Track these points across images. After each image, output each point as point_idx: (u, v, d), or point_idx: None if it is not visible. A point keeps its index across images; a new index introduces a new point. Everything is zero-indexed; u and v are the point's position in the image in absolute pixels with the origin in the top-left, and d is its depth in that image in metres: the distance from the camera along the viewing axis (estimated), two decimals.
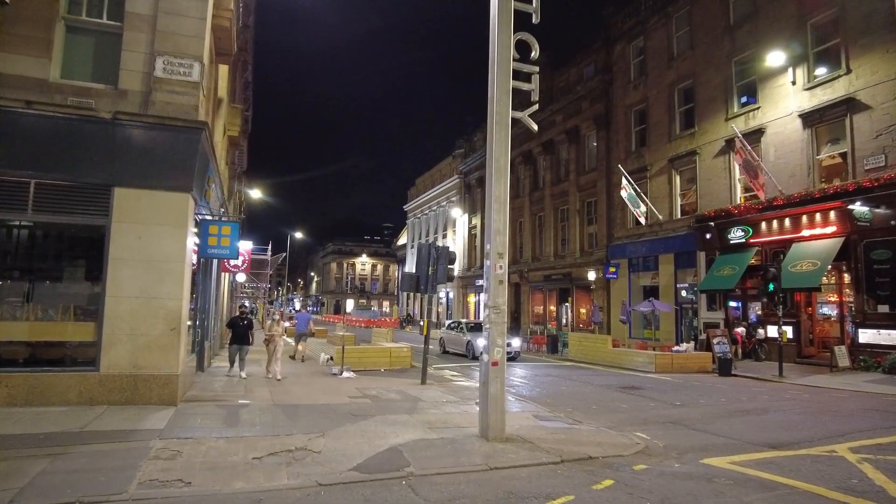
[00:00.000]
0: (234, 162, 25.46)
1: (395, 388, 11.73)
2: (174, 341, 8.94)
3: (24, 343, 8.67)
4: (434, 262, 12.75)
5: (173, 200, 9.12)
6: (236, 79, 22.17)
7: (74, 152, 8.69)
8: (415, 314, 57.53)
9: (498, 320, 7.45)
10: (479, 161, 43.33)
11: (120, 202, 8.89)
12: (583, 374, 16.68)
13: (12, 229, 9.08)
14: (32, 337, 8.76)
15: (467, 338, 20.31)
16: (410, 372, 16.00)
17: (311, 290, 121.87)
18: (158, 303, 8.91)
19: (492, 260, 7.57)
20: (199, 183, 9.80)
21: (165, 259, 9.00)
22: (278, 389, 11.10)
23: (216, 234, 10.11)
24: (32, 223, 8.81)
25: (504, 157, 7.75)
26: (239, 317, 13.35)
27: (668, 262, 25.40)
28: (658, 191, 26.14)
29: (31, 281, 9.04)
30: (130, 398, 8.66)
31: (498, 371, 7.36)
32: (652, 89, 27.05)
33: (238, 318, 13.31)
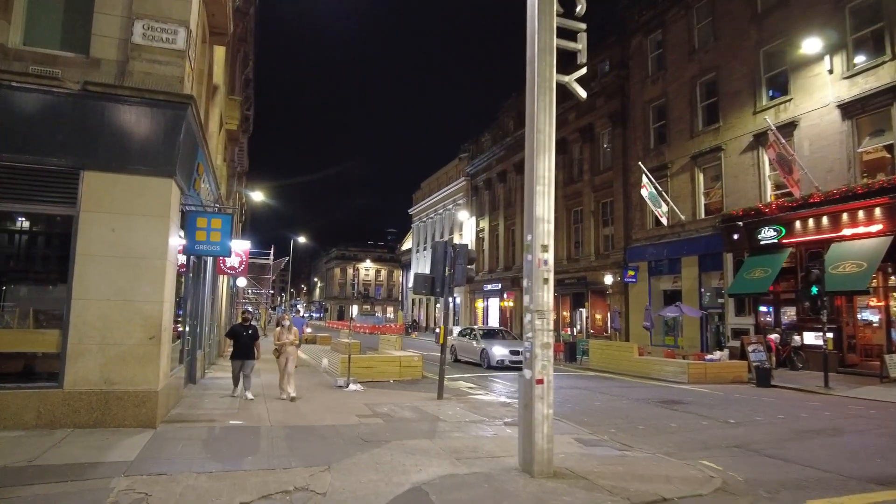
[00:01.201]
0: (234, 160, 24.20)
1: (408, 404, 10.36)
2: (153, 351, 7.59)
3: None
4: (451, 261, 11.39)
5: (153, 187, 7.79)
6: (235, 70, 20.96)
7: (36, 130, 7.38)
8: (420, 320, 56.13)
9: (542, 327, 6.09)
10: (487, 163, 42.05)
11: (90, 188, 7.56)
12: (610, 385, 15.26)
13: None
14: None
15: (481, 346, 18.91)
16: (422, 384, 14.61)
17: (314, 295, 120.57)
18: (135, 306, 7.57)
19: (534, 254, 6.22)
20: (184, 168, 8.48)
21: (144, 255, 7.67)
22: (277, 406, 9.73)
23: (205, 227, 8.78)
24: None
25: (549, 128, 6.43)
26: (242, 325, 11.02)
27: (692, 265, 23.98)
28: (680, 190, 24.76)
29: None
30: (100, 419, 7.30)
31: (544, 390, 5.98)
32: (671, 84, 25.72)
33: (240, 326, 11.03)
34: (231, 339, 11.00)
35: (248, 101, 30.57)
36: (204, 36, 11.80)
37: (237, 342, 10.75)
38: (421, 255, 57.89)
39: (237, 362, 10.66)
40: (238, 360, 10.65)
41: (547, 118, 6.41)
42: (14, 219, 7.76)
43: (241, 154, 25.51)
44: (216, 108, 14.47)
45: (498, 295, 39.07)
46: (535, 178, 6.34)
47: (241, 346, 10.67)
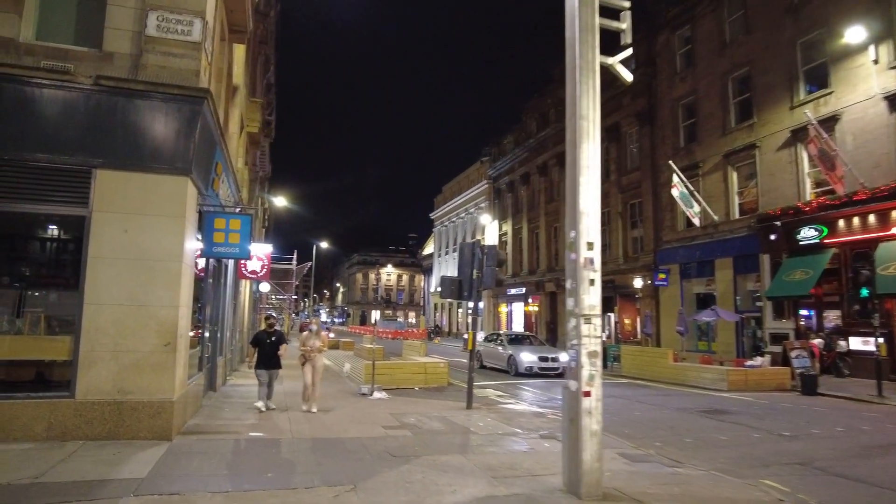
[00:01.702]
0: (256, 164, 24.00)
1: (436, 414, 9.81)
2: (168, 359, 7.17)
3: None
4: (479, 263, 10.83)
5: (168, 185, 7.40)
6: (256, 72, 20.74)
7: (47, 127, 7.04)
8: (443, 325, 55.59)
9: (589, 333, 5.51)
10: (510, 165, 41.43)
11: (102, 187, 7.19)
12: (646, 393, 14.52)
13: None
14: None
15: (508, 352, 18.27)
16: (449, 391, 14.06)
17: (337, 300, 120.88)
18: (149, 311, 7.16)
19: (578, 252, 5.65)
20: (201, 167, 8.08)
21: (158, 257, 7.26)
22: (299, 417, 9.26)
23: (223, 228, 8.37)
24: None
25: (593, 113, 5.90)
26: (266, 331, 10.07)
27: (726, 267, 23.04)
28: (712, 189, 23.86)
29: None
30: (113, 431, 6.89)
31: (592, 404, 5.39)
32: (702, 80, 24.86)
33: (264, 333, 10.06)
34: (254, 346, 10.02)
35: (270, 107, 30.47)
36: (223, 33, 11.48)
37: (261, 350, 9.84)
38: (443, 259, 57.42)
39: (262, 373, 9.70)
40: (263, 369, 9.72)
41: (591, 102, 5.87)
42: (25, 220, 7.40)
43: (262, 158, 25.32)
44: (236, 108, 14.16)
45: (522, 299, 38.36)
46: (579, 168, 5.78)
47: (264, 355, 9.79)
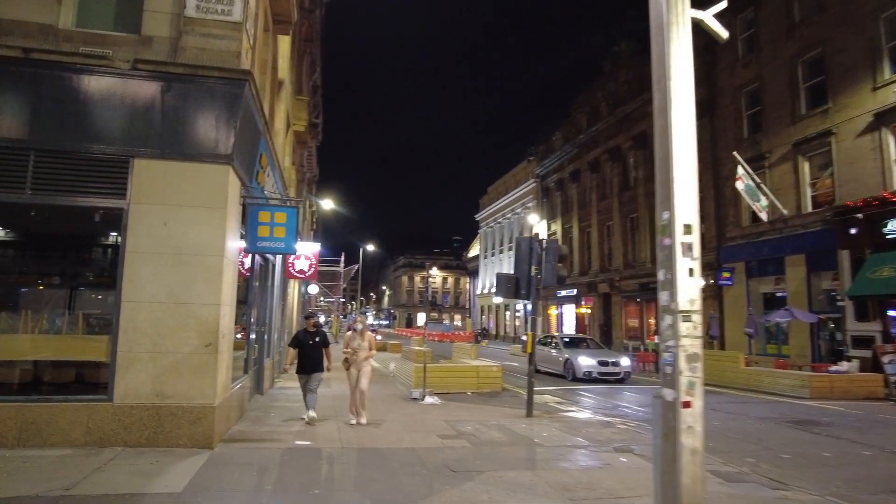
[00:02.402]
0: (303, 164, 23.84)
1: (494, 423, 9.03)
2: (209, 361, 6.67)
3: (19, 363, 6.66)
4: (538, 259, 10.01)
5: (209, 174, 6.92)
6: (302, 71, 20.51)
7: (84, 115, 6.67)
8: (490, 328, 54.69)
9: (689, 332, 4.63)
10: (559, 162, 40.23)
11: (140, 178, 6.77)
12: (720, 401, 13.32)
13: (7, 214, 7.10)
14: (30, 354, 6.75)
15: (565, 355, 17.29)
16: (503, 397, 13.26)
17: (383, 303, 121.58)
18: (188, 309, 6.68)
19: (674, 237, 4.78)
20: (244, 156, 7.59)
21: (198, 251, 6.79)
22: (345, 421, 8.65)
23: (267, 222, 7.87)
24: (32, 206, 6.78)
25: (687, 73, 5.05)
26: (306, 331, 8.84)
27: (798, 264, 21.36)
28: (780, 181, 22.20)
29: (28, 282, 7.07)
30: (152, 438, 6.43)
31: (694, 418, 4.52)
32: (767, 66, 23.22)
33: (305, 333, 8.83)
34: (294, 348, 8.77)
35: (317, 109, 30.44)
36: (266, 24, 11.07)
37: (302, 352, 8.68)
38: (489, 261, 56.54)
39: (303, 377, 8.68)
40: (304, 374, 8.66)
41: (683, 61, 4.99)
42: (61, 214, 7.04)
43: (310, 159, 25.16)
44: (282, 104, 13.80)
45: (573, 301, 37.09)
46: (671, 137, 4.93)
47: (305, 358, 8.64)
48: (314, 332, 8.84)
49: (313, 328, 8.93)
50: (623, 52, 34.34)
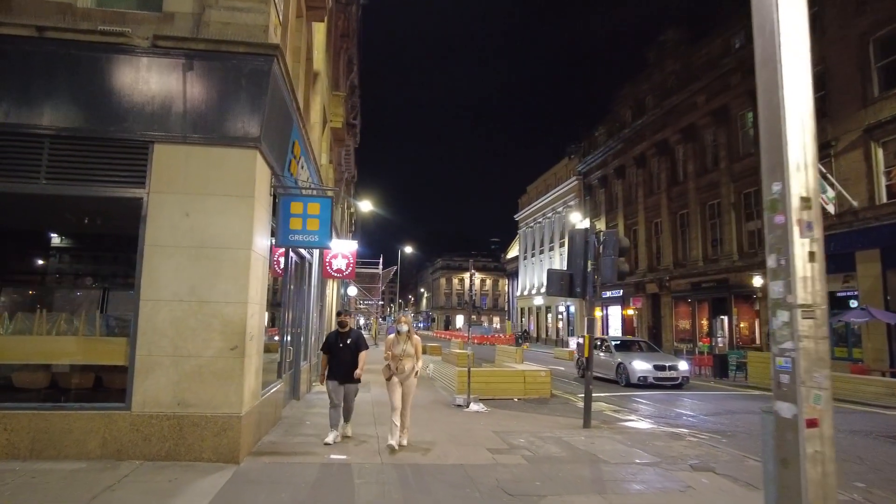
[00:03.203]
0: (341, 164, 23.38)
1: (549, 434, 8.14)
2: (235, 366, 6.02)
3: (33, 367, 6.16)
4: (595, 254, 9.08)
5: (235, 160, 6.29)
6: (339, 68, 20.03)
7: (101, 96, 6.13)
8: (531, 330, 53.48)
9: (810, 332, 3.68)
10: (602, 158, 38.86)
11: (161, 164, 6.19)
12: None
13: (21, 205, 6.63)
14: (44, 357, 6.24)
15: (617, 359, 16.18)
16: (553, 404, 12.34)
17: (421, 305, 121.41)
18: (212, 309, 6.05)
19: (788, 213, 3.84)
20: (274, 140, 6.95)
21: (223, 244, 6.16)
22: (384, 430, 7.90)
23: (300, 214, 7.20)
24: (46, 196, 6.27)
25: (798, 16, 4.07)
26: (337, 332, 7.48)
27: (871, 260, 19.68)
28: (850, 170, 20.53)
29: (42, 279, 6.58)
30: (174, 450, 5.81)
31: (822, 441, 3.57)
32: (832, 45, 21.56)
33: (335, 334, 7.50)
34: (325, 353, 7.48)
35: (355, 110, 30.07)
36: (299, 9, 10.49)
37: (332, 358, 7.37)
38: (528, 262, 55.36)
39: (331, 384, 7.29)
40: (335, 381, 7.28)
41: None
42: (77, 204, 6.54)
43: (347, 158, 24.72)
44: (317, 96, 13.24)
45: (619, 303, 35.66)
46: (782, 92, 3.98)
47: (336, 363, 7.30)
48: (345, 333, 7.44)
49: (344, 328, 7.49)
50: (670, 40, 32.83)
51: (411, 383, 7.19)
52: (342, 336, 7.42)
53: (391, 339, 7.35)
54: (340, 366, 7.27)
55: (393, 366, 7.13)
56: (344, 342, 7.34)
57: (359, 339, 7.42)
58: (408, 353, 7.12)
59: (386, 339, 7.69)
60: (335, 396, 7.25)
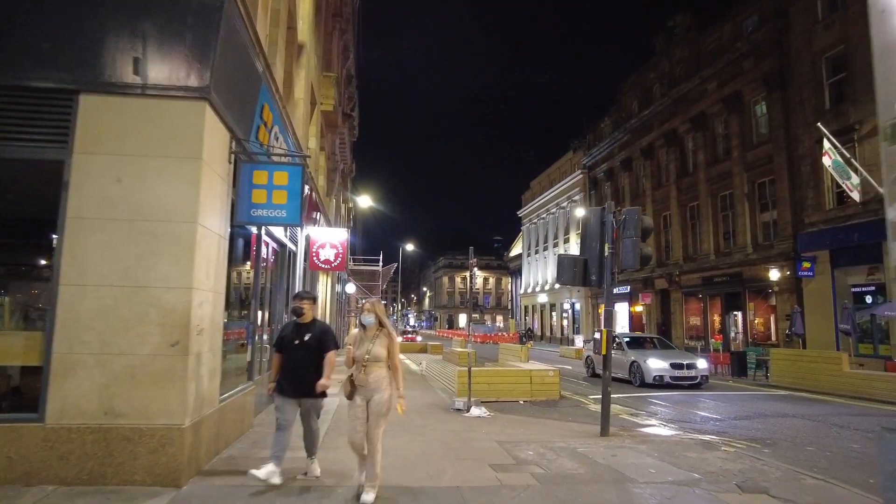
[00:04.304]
0: (335, 153, 22.24)
1: (562, 445, 6.98)
2: (177, 366, 4.87)
3: None
4: (613, 236, 7.91)
5: (179, 113, 5.15)
6: (332, 50, 18.87)
7: (11, 33, 4.99)
8: (535, 329, 52.28)
9: None
10: (608, 150, 37.66)
11: (88, 119, 5.05)
12: (830, 411, 10.89)
13: None
14: None
15: (631, 357, 14.99)
16: (563, 407, 11.19)
17: (424, 305, 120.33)
18: (150, 295, 4.91)
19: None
20: (232, 95, 5.81)
21: (163, 217, 5.02)
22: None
23: (264, 185, 6.06)
24: None
25: None
26: (297, 324, 5.34)
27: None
28: (875, 156, 19.21)
29: None
30: (97, 472, 4.67)
31: None
32: (855, 24, 20.25)
33: (294, 327, 5.34)
34: (278, 352, 5.32)
35: (352, 101, 29.00)
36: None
37: (286, 359, 5.24)
38: (532, 259, 54.17)
39: (282, 402, 5.14)
40: (284, 396, 5.13)
41: None
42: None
43: (342, 147, 23.51)
44: (301, 70, 12.11)
45: (626, 299, 34.44)
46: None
47: (290, 368, 5.17)
48: (305, 326, 5.28)
49: (303, 319, 5.31)
50: (678, 27, 31.60)
51: (382, 405, 4.72)
52: (300, 329, 5.27)
53: (354, 335, 5.02)
54: (296, 371, 5.10)
55: (357, 378, 4.75)
56: (301, 338, 5.21)
57: (324, 335, 5.28)
58: (376, 358, 4.74)
59: (347, 338, 5.38)
60: (283, 414, 5.10)
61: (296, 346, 5.20)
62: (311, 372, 5.11)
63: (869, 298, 19.55)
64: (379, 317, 4.87)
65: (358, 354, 4.79)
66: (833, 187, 20.85)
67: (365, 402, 4.74)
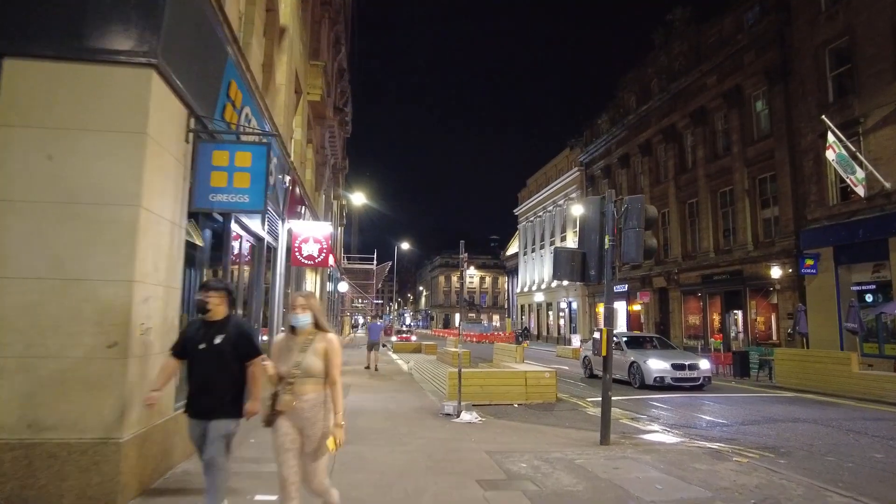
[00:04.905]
0: (324, 146, 21.59)
1: (559, 455, 6.35)
2: (114, 370, 4.23)
3: None
4: (614, 227, 7.29)
5: (120, 81, 4.50)
6: (321, 39, 18.19)
7: None
8: (531, 328, 51.70)
9: None
10: (605, 147, 37.09)
11: (14, 86, 4.39)
12: (844, 415, 10.30)
13: None
14: None
15: (630, 357, 14.37)
16: (560, 410, 10.58)
17: (420, 304, 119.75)
18: (84, 290, 4.27)
19: None
20: (189, 64, 5.16)
21: (101, 199, 4.37)
22: (348, 451, 6.12)
23: (225, 166, 5.40)
24: None
25: None
26: (203, 323, 3.94)
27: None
28: (881, 149, 18.69)
29: None
30: (17, 496, 4.01)
31: None
32: (859, 14, 19.72)
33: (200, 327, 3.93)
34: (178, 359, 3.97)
35: (345, 96, 28.40)
36: None
37: (190, 369, 3.94)
38: (529, 257, 53.59)
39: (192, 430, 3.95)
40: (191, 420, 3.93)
41: None
42: None
43: (333, 141, 22.85)
44: (283, 54, 11.45)
45: (624, 298, 33.78)
46: None
47: (195, 383, 3.90)
48: (214, 325, 3.90)
49: (210, 316, 3.91)
50: (677, 20, 31.00)
51: (319, 437, 3.47)
52: (209, 329, 3.87)
53: (278, 342, 3.66)
54: (204, 385, 3.81)
55: (282, 397, 3.45)
56: (209, 341, 3.82)
57: (241, 338, 3.89)
58: (310, 372, 3.46)
59: (274, 345, 3.71)
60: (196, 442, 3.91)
61: (202, 351, 3.80)
62: (224, 387, 3.80)
63: (869, 297, 19.01)
64: (315, 316, 3.58)
65: (284, 370, 3.46)
66: (837, 182, 20.29)
67: (294, 433, 3.48)
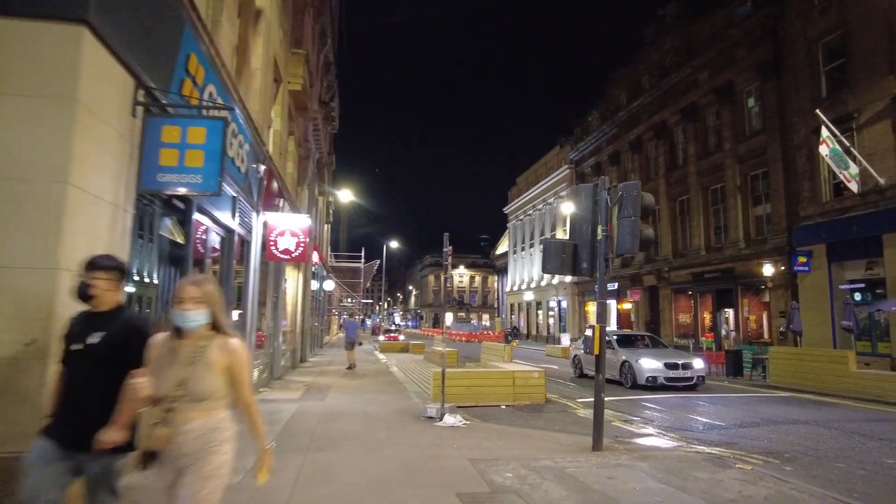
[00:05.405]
0: (307, 139, 20.94)
1: (547, 462, 5.83)
2: (32, 373, 3.65)
3: None
4: (607, 216, 6.78)
5: (42, 39, 3.91)
6: (303, 26, 17.57)
7: None
8: (521, 327, 51.29)
9: None
10: (595, 145, 36.75)
11: None
12: (845, 416, 9.89)
13: None
14: None
15: (621, 357, 13.89)
16: (549, 412, 10.08)
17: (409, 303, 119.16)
18: (0, 279, 3.69)
19: None
20: (134, 26, 4.57)
21: (22, 175, 3.78)
22: (317, 459, 5.57)
23: (176, 143, 4.82)
24: None
25: None
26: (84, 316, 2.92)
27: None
28: (874, 145, 18.39)
29: None
30: None
31: None
32: (853, 8, 19.42)
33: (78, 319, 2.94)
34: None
35: (331, 91, 27.76)
36: None
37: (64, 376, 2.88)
38: (518, 256, 53.17)
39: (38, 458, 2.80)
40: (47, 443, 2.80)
41: None
42: None
43: (317, 135, 22.20)
44: (259, 38, 10.86)
45: (614, 296, 33.45)
46: None
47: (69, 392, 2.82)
48: (97, 318, 2.89)
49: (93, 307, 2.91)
50: (668, 16, 30.68)
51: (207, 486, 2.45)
52: (88, 323, 2.89)
53: (157, 346, 2.62)
54: (75, 399, 2.83)
55: (149, 427, 2.46)
56: (83, 340, 2.85)
57: (131, 339, 2.80)
58: (198, 394, 2.47)
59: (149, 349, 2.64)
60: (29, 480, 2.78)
61: (74, 353, 2.84)
62: (99, 404, 2.73)
63: (858, 296, 18.73)
64: (214, 313, 2.58)
65: (161, 391, 2.45)
66: (830, 179, 20.02)
67: (173, 477, 2.48)
